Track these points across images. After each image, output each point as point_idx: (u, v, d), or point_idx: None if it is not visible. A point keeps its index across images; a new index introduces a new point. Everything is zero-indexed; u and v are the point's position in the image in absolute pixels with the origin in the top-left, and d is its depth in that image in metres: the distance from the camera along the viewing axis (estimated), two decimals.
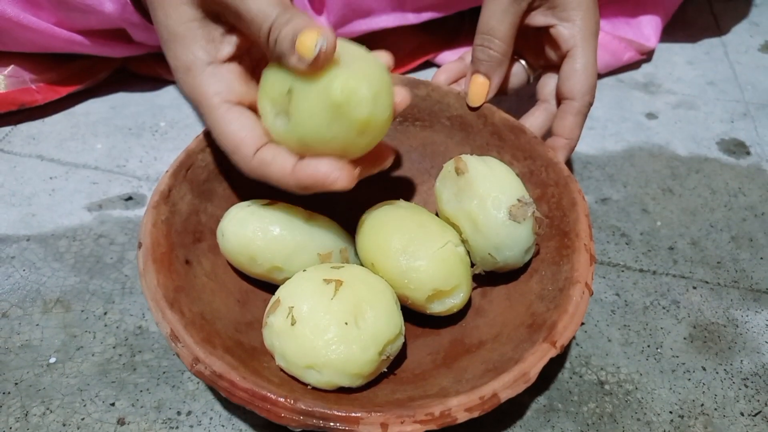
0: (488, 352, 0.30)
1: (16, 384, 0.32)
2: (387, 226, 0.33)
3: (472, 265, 0.34)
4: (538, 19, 0.38)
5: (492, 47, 0.37)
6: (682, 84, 0.58)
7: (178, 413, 0.31)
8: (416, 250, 0.31)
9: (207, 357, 0.26)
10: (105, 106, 0.53)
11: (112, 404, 0.31)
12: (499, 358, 0.29)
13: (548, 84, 0.40)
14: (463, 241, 0.34)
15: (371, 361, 0.28)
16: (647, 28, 0.58)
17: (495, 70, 0.38)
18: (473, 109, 0.39)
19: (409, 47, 0.59)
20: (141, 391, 0.32)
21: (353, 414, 0.25)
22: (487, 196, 0.32)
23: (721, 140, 0.51)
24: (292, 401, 0.25)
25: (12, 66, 0.50)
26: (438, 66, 0.59)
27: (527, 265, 0.34)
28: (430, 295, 0.31)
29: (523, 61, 0.42)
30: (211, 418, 0.31)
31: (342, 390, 0.29)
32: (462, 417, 0.25)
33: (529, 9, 0.38)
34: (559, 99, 0.38)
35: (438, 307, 0.32)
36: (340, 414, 0.25)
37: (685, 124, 0.53)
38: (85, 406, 0.31)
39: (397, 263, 0.31)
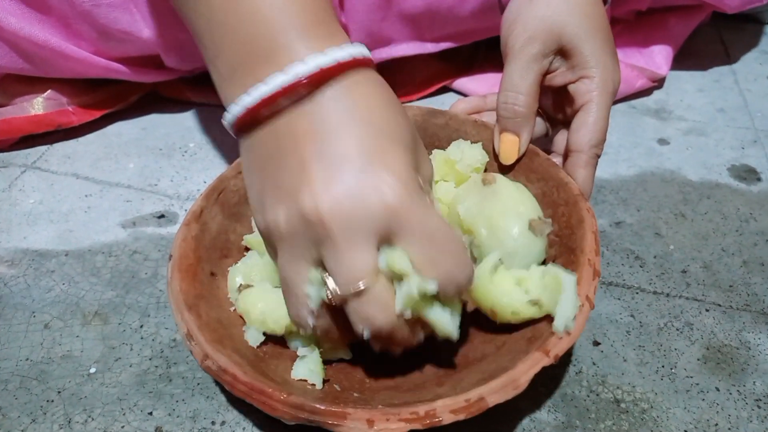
0: (487, 364, 0.31)
1: (59, 392, 0.34)
2: None
3: None
4: (558, 80, 0.39)
5: (517, 103, 0.38)
6: (692, 111, 0.60)
7: (213, 423, 0.33)
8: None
9: (215, 354, 0.29)
10: (136, 127, 0.56)
11: (150, 413, 0.33)
12: (495, 368, 0.30)
13: (563, 139, 0.40)
14: (471, 247, 0.35)
15: None
16: (659, 56, 0.60)
17: (522, 126, 0.38)
18: (507, 167, 0.40)
19: (426, 73, 0.61)
20: (177, 401, 0.34)
21: (341, 409, 0.26)
22: (511, 206, 0.34)
23: (732, 166, 0.53)
24: (285, 395, 0.27)
25: (50, 90, 0.53)
26: (454, 91, 0.61)
27: None
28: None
29: (543, 114, 0.43)
30: (244, 428, 0.33)
31: (341, 392, 0.31)
32: (447, 418, 0.26)
33: (549, 71, 0.39)
34: (568, 151, 0.39)
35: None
36: (329, 409, 0.26)
37: (696, 151, 0.55)
38: (124, 414, 0.33)
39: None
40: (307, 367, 0.31)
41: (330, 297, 0.26)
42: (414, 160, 0.27)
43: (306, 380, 0.31)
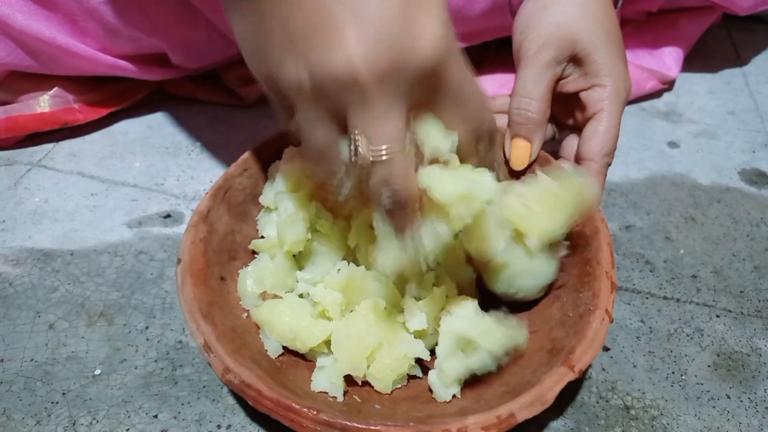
0: (508, 376, 0.31)
1: (64, 394, 0.34)
2: None
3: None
4: (569, 86, 0.39)
5: (530, 109, 0.37)
6: (703, 113, 0.59)
7: (218, 426, 0.33)
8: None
9: (237, 367, 0.28)
10: (142, 125, 0.55)
11: (155, 416, 0.33)
12: (518, 381, 0.30)
13: (572, 145, 0.40)
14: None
15: None
16: (669, 58, 0.60)
17: (535, 132, 0.38)
18: (517, 173, 0.40)
19: None
20: (182, 404, 0.33)
21: (373, 427, 0.26)
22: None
23: (743, 170, 0.52)
24: (315, 412, 0.26)
25: (56, 87, 0.53)
26: None
27: (537, 301, 0.36)
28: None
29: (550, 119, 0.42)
30: None
31: (362, 404, 0.30)
32: None
33: (562, 77, 0.39)
34: (579, 159, 0.38)
35: None
36: (360, 426, 0.26)
37: (706, 154, 0.54)
38: (129, 417, 0.33)
39: None
40: (328, 379, 0.31)
41: (356, 159, 0.25)
42: (449, 17, 0.25)
43: (326, 393, 0.30)
